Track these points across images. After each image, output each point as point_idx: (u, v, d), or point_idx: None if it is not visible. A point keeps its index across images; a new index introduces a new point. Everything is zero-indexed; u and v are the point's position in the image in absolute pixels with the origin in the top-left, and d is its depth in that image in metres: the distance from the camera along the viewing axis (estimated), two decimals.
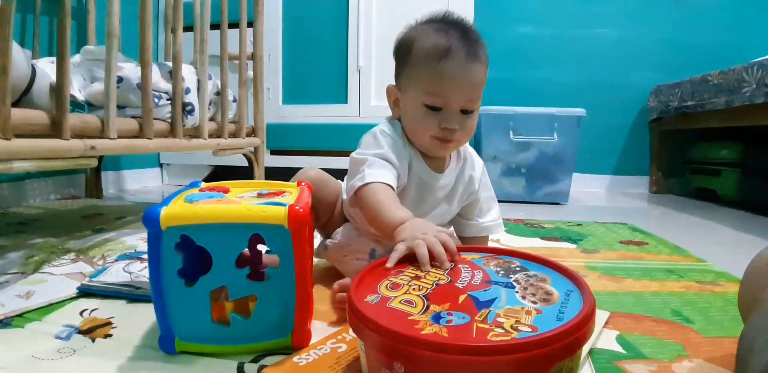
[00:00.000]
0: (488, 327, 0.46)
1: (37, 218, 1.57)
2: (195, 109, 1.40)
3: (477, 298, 0.53)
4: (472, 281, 0.57)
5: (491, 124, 2.21)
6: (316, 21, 2.39)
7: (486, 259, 0.65)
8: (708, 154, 2.44)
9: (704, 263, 1.14)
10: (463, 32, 0.82)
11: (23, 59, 1.00)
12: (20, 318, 0.74)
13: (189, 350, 0.62)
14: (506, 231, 1.48)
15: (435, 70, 0.79)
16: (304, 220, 0.59)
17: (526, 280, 0.58)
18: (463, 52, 0.79)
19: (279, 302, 0.62)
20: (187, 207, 0.60)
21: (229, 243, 0.60)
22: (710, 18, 2.61)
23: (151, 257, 0.59)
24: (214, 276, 0.60)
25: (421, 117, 0.82)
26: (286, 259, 0.61)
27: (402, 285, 0.56)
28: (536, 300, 0.52)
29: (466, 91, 0.80)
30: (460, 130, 0.82)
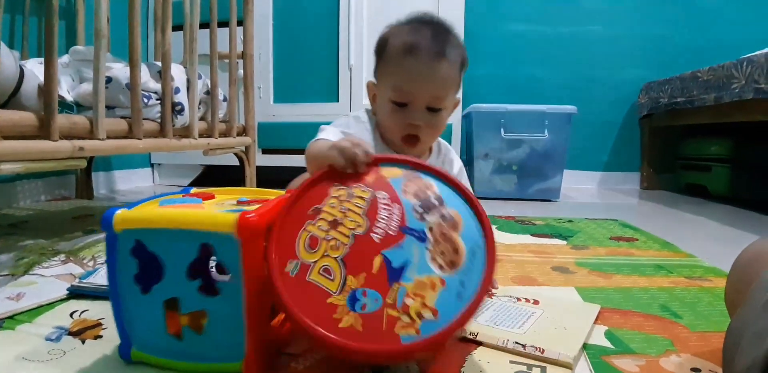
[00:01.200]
0: (397, 315, 0.51)
1: (28, 220, 1.56)
2: (185, 108, 1.40)
3: (390, 263, 0.55)
4: (389, 227, 0.57)
5: (482, 121, 2.21)
6: (307, 19, 2.38)
7: (406, 179, 0.63)
8: (698, 150, 2.45)
9: (693, 258, 1.15)
10: (434, 31, 0.83)
11: (11, 60, 0.99)
12: (10, 320, 0.74)
13: (144, 360, 0.59)
14: (497, 228, 1.49)
15: (400, 67, 0.81)
16: (257, 229, 0.53)
17: (439, 227, 0.58)
18: (429, 49, 0.80)
19: (231, 320, 0.55)
20: (143, 210, 0.58)
21: (179, 251, 0.56)
22: (700, 15, 2.63)
23: (108, 261, 0.57)
24: (166, 286, 0.57)
25: (389, 113, 0.84)
26: (236, 273, 0.54)
27: (319, 241, 0.56)
28: (443, 264, 0.55)
29: (429, 88, 0.81)
30: (426, 128, 0.82)
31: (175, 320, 0.58)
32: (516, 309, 0.77)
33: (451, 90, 0.83)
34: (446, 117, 0.85)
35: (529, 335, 0.66)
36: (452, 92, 0.84)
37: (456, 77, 0.83)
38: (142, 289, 0.57)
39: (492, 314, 0.74)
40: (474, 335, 0.67)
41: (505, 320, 0.72)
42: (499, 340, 0.65)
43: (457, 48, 0.83)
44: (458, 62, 0.83)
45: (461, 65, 0.85)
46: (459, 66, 0.84)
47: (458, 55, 0.83)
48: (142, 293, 0.57)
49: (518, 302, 0.80)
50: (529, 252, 1.20)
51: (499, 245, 1.23)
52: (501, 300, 0.81)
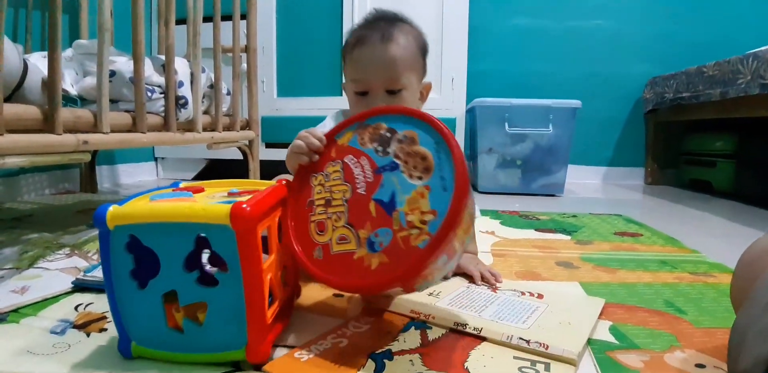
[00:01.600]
0: (407, 233, 0.58)
1: (32, 213, 1.56)
2: (188, 102, 1.40)
3: (382, 201, 0.62)
4: (366, 177, 0.65)
5: (487, 116, 2.21)
6: (311, 13, 2.38)
7: (359, 135, 0.69)
8: (703, 145, 2.44)
9: (698, 254, 1.15)
10: (383, 22, 0.88)
11: (15, 54, 0.99)
12: (15, 313, 0.74)
13: (145, 355, 0.59)
14: (501, 223, 1.49)
15: (353, 58, 0.87)
16: (251, 219, 0.54)
17: (402, 149, 0.64)
18: (375, 37, 0.85)
19: (231, 310, 0.56)
20: (136, 206, 0.58)
21: (174, 244, 0.56)
22: (705, 10, 2.61)
23: (102, 257, 0.57)
24: (164, 279, 0.57)
25: (354, 104, 0.89)
26: (233, 264, 0.55)
27: (325, 223, 0.66)
28: (420, 174, 0.61)
29: (381, 71, 0.85)
30: None
31: (176, 313, 0.59)
32: (520, 303, 0.77)
33: (406, 71, 0.86)
34: (410, 98, 0.88)
35: (533, 331, 0.66)
36: (408, 73, 0.86)
37: (408, 58, 0.86)
38: (139, 284, 0.57)
39: (496, 309, 0.74)
40: (478, 331, 0.67)
41: (509, 314, 0.72)
42: (503, 335, 0.65)
43: (408, 33, 0.87)
44: (411, 45, 0.87)
45: (419, 49, 0.88)
46: (414, 49, 0.87)
47: (410, 39, 0.87)
48: (140, 288, 0.57)
49: (522, 296, 0.80)
50: (534, 247, 1.20)
51: (504, 239, 1.25)
52: (505, 294, 0.81)
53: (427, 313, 0.72)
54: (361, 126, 0.70)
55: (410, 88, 0.87)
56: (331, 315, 0.74)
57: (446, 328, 0.70)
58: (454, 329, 0.69)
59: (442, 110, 2.30)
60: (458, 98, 2.31)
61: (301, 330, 0.68)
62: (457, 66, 2.29)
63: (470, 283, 0.87)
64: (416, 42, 0.88)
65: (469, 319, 0.69)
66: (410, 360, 0.60)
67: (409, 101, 0.88)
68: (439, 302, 0.77)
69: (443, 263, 0.60)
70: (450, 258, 0.61)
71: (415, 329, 0.69)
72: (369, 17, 0.92)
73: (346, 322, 0.71)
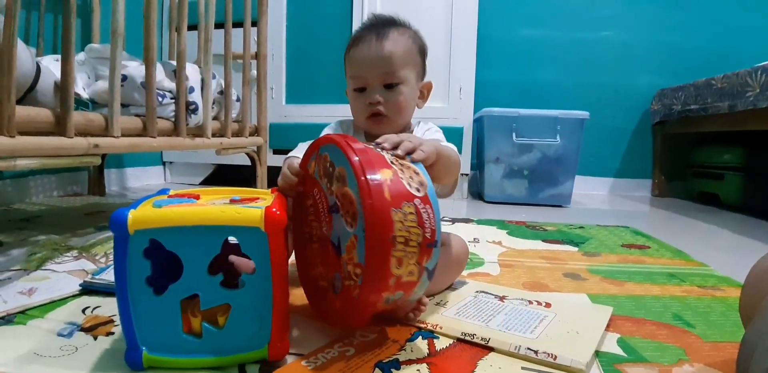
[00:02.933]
0: (349, 283, 0.61)
1: (40, 215, 1.57)
2: (199, 108, 1.40)
3: (334, 244, 0.65)
4: (325, 215, 0.67)
5: (494, 126, 2.21)
6: (320, 21, 2.39)
7: (319, 165, 0.69)
8: (711, 158, 2.44)
9: (706, 267, 1.14)
10: (380, 23, 0.90)
11: (28, 57, 1.00)
12: (22, 315, 0.74)
13: (158, 364, 0.58)
14: (508, 233, 1.48)
15: (350, 57, 0.90)
16: (282, 222, 0.57)
17: (338, 189, 0.63)
18: (371, 36, 0.87)
19: (254, 311, 0.59)
20: (156, 210, 0.57)
21: (201, 248, 0.57)
22: (715, 22, 2.61)
23: (117, 263, 0.56)
24: (185, 284, 0.57)
25: (353, 102, 0.91)
26: (262, 264, 0.57)
27: (314, 261, 0.72)
28: (351, 221, 0.60)
29: (377, 67, 0.86)
30: (387, 104, 0.87)
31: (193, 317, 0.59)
32: (528, 313, 0.77)
33: (402, 65, 0.87)
34: (407, 92, 0.88)
35: (541, 340, 0.66)
36: (405, 68, 0.87)
37: (404, 54, 0.87)
38: (155, 290, 0.57)
39: (504, 318, 0.74)
40: (486, 341, 0.66)
41: (516, 324, 0.72)
42: (511, 346, 0.64)
43: (404, 32, 0.89)
44: (407, 42, 0.88)
45: (415, 47, 0.90)
46: (410, 46, 0.89)
47: (405, 37, 0.88)
48: (156, 294, 0.57)
49: (530, 305, 0.80)
50: (541, 258, 1.19)
51: (511, 250, 1.25)
52: (512, 303, 0.81)
53: (434, 323, 0.72)
54: (318, 156, 0.69)
55: (408, 83, 0.88)
56: None
57: (453, 338, 0.69)
58: (462, 339, 0.69)
59: (449, 119, 2.30)
60: (466, 108, 2.31)
61: (308, 338, 0.68)
62: (466, 75, 2.30)
63: (477, 292, 0.87)
64: (412, 40, 0.90)
65: (477, 329, 0.69)
66: (417, 370, 0.60)
67: (408, 96, 0.89)
68: (446, 311, 0.76)
69: (399, 297, 0.60)
70: (407, 293, 0.61)
71: (422, 339, 0.69)
72: (366, 22, 0.93)
73: (353, 331, 0.70)
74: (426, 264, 0.59)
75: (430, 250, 0.59)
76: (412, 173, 0.62)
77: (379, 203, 0.55)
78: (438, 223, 0.60)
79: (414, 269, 0.58)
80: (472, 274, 1.03)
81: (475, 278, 0.99)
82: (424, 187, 0.61)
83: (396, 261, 0.56)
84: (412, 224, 0.58)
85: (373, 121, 0.89)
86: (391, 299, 0.60)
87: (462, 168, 2.29)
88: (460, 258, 0.89)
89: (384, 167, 0.60)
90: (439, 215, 0.61)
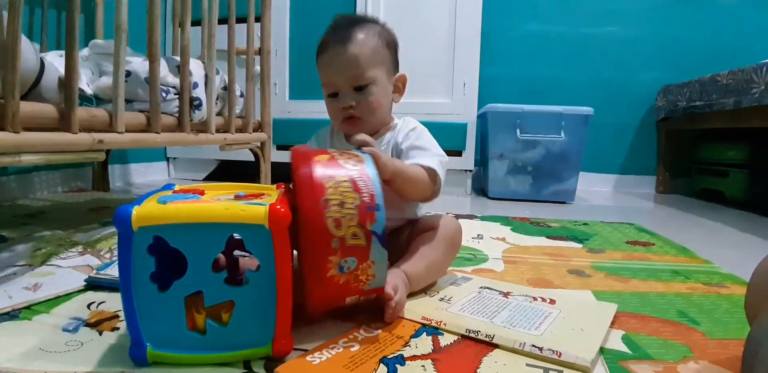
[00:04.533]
0: None
1: (44, 210, 1.57)
2: (202, 103, 1.40)
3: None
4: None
5: (498, 122, 2.20)
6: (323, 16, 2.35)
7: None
8: (715, 154, 2.43)
9: (710, 264, 1.14)
10: (342, 25, 0.90)
11: (32, 52, 1.00)
12: (28, 310, 0.75)
13: (162, 360, 0.59)
14: (512, 229, 1.48)
15: (319, 64, 0.91)
16: (286, 220, 0.56)
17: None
18: (335, 40, 0.87)
19: (258, 308, 0.59)
20: (161, 206, 0.57)
21: (205, 245, 0.57)
22: (720, 18, 2.60)
23: (121, 259, 0.56)
24: (189, 280, 0.57)
25: (328, 106, 0.92)
26: (266, 261, 0.58)
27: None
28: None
29: (343, 70, 0.87)
30: (359, 106, 0.88)
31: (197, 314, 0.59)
32: (532, 309, 0.76)
33: (370, 66, 0.87)
34: (378, 92, 0.89)
35: (546, 337, 0.66)
36: (372, 68, 0.88)
37: (369, 53, 0.88)
38: (159, 287, 0.57)
39: (508, 315, 0.74)
40: (490, 338, 0.66)
41: (521, 320, 0.71)
42: (515, 342, 0.64)
43: (368, 29, 0.89)
44: (372, 40, 0.89)
45: (382, 43, 0.90)
46: (376, 43, 0.89)
47: (370, 35, 0.89)
48: (160, 290, 0.57)
49: (534, 302, 0.80)
50: (545, 254, 1.19)
51: (515, 246, 1.25)
52: (517, 300, 0.81)
53: (438, 319, 0.72)
54: None
55: (378, 83, 0.89)
56: (343, 319, 0.73)
57: (458, 334, 0.69)
58: (466, 335, 0.69)
59: (453, 115, 2.30)
60: (470, 103, 2.31)
61: (313, 333, 0.68)
62: (469, 71, 2.30)
63: (482, 288, 0.87)
64: (378, 37, 0.90)
65: (481, 325, 0.69)
66: (422, 366, 0.60)
67: (380, 95, 0.90)
68: (450, 307, 0.76)
69: (355, 266, 0.63)
70: (361, 259, 0.63)
71: (426, 335, 0.69)
72: (331, 24, 0.94)
73: (357, 326, 0.70)
74: (371, 227, 0.62)
75: (371, 212, 0.63)
76: (351, 156, 0.69)
77: (307, 169, 0.63)
78: (377, 189, 0.65)
79: (357, 231, 0.62)
80: (476, 270, 1.03)
81: (479, 274, 0.99)
82: (361, 162, 0.68)
83: (333, 222, 0.60)
84: (347, 189, 0.63)
85: (348, 124, 0.91)
86: (345, 267, 0.62)
87: (465, 164, 2.28)
88: (448, 235, 0.88)
89: (322, 153, 0.68)
90: (378, 184, 0.65)
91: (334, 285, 0.63)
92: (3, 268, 0.94)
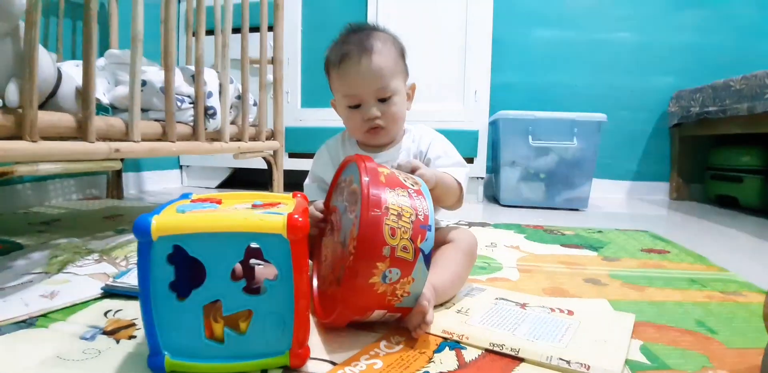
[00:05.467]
0: None
1: (60, 218, 1.59)
2: (217, 112, 1.41)
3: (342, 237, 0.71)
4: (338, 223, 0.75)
5: (510, 128, 2.20)
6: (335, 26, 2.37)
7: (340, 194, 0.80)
8: (729, 160, 2.40)
9: (727, 272, 1.12)
10: (358, 35, 0.91)
11: (49, 62, 1.01)
12: (44, 318, 0.75)
13: (180, 369, 0.59)
14: (525, 237, 1.47)
15: (339, 75, 0.91)
16: (304, 229, 0.57)
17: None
18: (355, 51, 0.88)
19: (276, 317, 0.59)
20: (180, 216, 0.58)
21: (224, 254, 0.57)
22: (732, 23, 2.58)
23: (140, 269, 0.56)
24: (208, 289, 0.57)
25: (349, 117, 0.94)
26: (284, 271, 0.58)
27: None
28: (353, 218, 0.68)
29: (370, 84, 0.89)
30: (384, 117, 0.91)
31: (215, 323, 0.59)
32: (552, 321, 0.76)
33: (393, 77, 0.90)
34: (400, 102, 0.93)
35: (571, 350, 0.65)
36: (395, 79, 0.91)
37: (391, 65, 0.90)
38: (178, 295, 0.57)
39: (529, 327, 0.73)
40: (516, 351, 0.65)
41: (543, 333, 0.71)
42: (542, 356, 0.63)
43: (384, 39, 0.91)
44: (391, 51, 0.91)
45: (398, 53, 0.93)
46: (395, 54, 0.91)
47: (388, 45, 0.91)
48: (179, 299, 0.57)
49: (553, 313, 0.79)
50: (560, 263, 1.18)
51: (530, 255, 1.24)
52: (535, 311, 0.80)
53: (460, 333, 0.71)
54: (338, 188, 0.81)
55: (399, 93, 0.92)
56: (360, 329, 0.73)
57: (481, 348, 0.68)
58: (490, 349, 0.67)
59: (464, 122, 2.30)
60: (481, 110, 2.31)
61: (331, 343, 0.68)
62: (481, 78, 2.29)
63: (497, 299, 0.86)
64: (394, 47, 0.92)
65: (505, 339, 0.68)
66: None
67: (402, 105, 0.93)
68: (469, 320, 0.76)
69: (398, 278, 0.64)
70: (404, 273, 0.64)
71: (449, 350, 0.68)
72: (344, 32, 0.95)
73: (377, 340, 0.70)
74: (420, 245, 0.64)
75: (423, 231, 0.65)
76: (408, 176, 0.73)
77: (374, 179, 0.66)
78: (431, 212, 0.67)
79: (408, 244, 0.64)
80: (491, 279, 1.02)
81: (494, 283, 0.98)
82: (418, 185, 0.71)
83: (389, 230, 0.62)
84: (405, 205, 0.66)
85: (372, 134, 0.94)
86: (388, 277, 0.63)
87: (477, 171, 2.27)
88: (467, 248, 0.89)
89: (384, 167, 0.72)
90: (431, 207, 0.68)
91: (371, 293, 0.63)
92: (19, 275, 0.94)
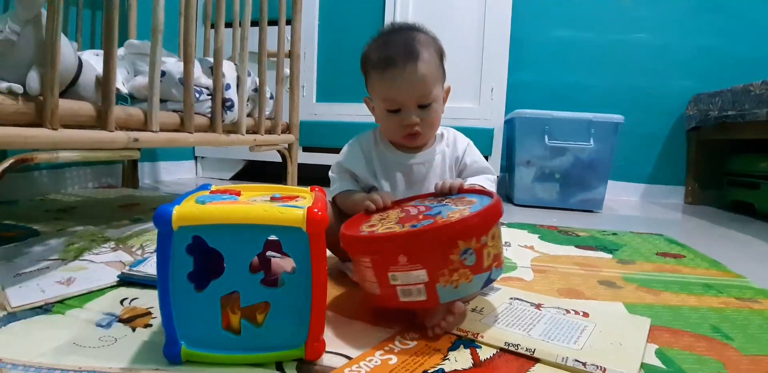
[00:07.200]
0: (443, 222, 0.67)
1: (76, 206, 1.60)
2: (234, 105, 1.42)
3: (430, 214, 0.73)
4: (420, 210, 0.77)
5: (526, 127, 2.18)
6: (352, 20, 2.39)
7: (420, 201, 0.85)
8: (747, 166, 2.37)
9: (743, 278, 1.11)
10: (403, 37, 0.91)
11: (71, 51, 1.01)
12: (61, 305, 0.76)
13: (196, 359, 0.59)
14: (540, 238, 1.47)
15: (383, 80, 0.90)
16: (323, 223, 0.57)
17: (455, 200, 0.79)
18: (401, 56, 0.87)
19: (293, 310, 0.59)
20: (200, 207, 0.58)
21: (243, 245, 0.58)
22: (753, 27, 2.54)
23: (160, 258, 0.56)
24: (226, 280, 0.58)
25: (386, 120, 0.94)
26: (303, 264, 0.58)
27: (376, 225, 0.74)
28: (465, 207, 0.72)
29: (413, 91, 0.89)
30: (422, 123, 0.92)
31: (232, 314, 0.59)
32: (567, 322, 0.75)
33: (435, 84, 0.91)
34: (438, 108, 0.94)
35: (586, 352, 0.65)
36: (437, 86, 0.91)
37: (434, 71, 0.90)
38: (196, 286, 0.58)
39: (544, 328, 0.72)
40: (531, 352, 0.65)
41: (558, 334, 0.70)
42: (558, 357, 0.63)
43: (427, 44, 0.91)
44: (433, 57, 0.91)
45: (439, 58, 0.93)
46: (436, 59, 0.92)
47: (431, 50, 0.90)
48: (197, 290, 0.58)
49: (568, 315, 0.79)
50: (575, 264, 1.17)
51: (544, 255, 1.24)
52: (550, 312, 0.80)
53: (474, 331, 0.71)
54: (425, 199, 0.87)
55: (438, 100, 0.93)
56: (375, 324, 0.73)
57: (496, 347, 0.68)
58: (505, 349, 0.67)
59: (480, 120, 2.29)
60: (497, 109, 2.30)
61: (346, 337, 0.69)
62: (498, 76, 2.28)
63: (512, 299, 0.86)
64: (436, 52, 0.92)
65: (520, 339, 0.68)
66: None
67: (440, 111, 0.94)
68: (484, 319, 0.75)
69: (471, 264, 0.66)
70: (477, 264, 0.67)
71: (464, 348, 0.68)
72: (386, 30, 0.95)
73: (392, 336, 0.70)
74: (495, 266, 0.70)
75: (500, 261, 0.73)
76: None
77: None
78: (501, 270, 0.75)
79: (493, 256, 0.69)
80: (505, 279, 1.02)
81: (509, 283, 0.98)
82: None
83: (492, 234, 0.68)
84: (501, 243, 0.74)
85: (409, 139, 0.95)
86: (464, 256, 0.65)
87: None
88: None
89: None
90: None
91: (445, 251, 0.65)
92: (36, 261, 0.95)
